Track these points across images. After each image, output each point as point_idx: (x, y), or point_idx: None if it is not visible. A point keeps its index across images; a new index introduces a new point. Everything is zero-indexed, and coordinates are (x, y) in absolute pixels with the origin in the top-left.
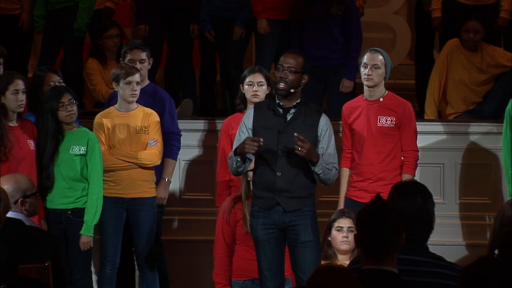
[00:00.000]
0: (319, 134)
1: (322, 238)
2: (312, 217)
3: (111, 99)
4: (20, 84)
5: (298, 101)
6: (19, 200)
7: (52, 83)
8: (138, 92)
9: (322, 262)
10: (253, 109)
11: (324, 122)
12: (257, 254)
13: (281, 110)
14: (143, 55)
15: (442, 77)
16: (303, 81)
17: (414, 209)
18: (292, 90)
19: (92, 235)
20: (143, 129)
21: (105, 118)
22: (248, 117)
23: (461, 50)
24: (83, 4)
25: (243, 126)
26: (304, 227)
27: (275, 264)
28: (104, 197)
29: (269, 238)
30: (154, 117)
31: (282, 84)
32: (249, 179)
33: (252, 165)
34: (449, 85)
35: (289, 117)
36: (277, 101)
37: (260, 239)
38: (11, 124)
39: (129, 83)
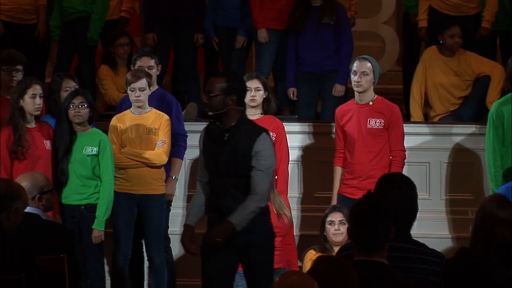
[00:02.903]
0: (252, 155)
1: (318, 233)
2: (263, 236)
3: (123, 103)
4: (37, 89)
5: (235, 123)
6: (36, 196)
7: (68, 88)
8: (142, 98)
9: (317, 255)
10: (204, 129)
11: (259, 145)
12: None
13: (219, 132)
14: (152, 62)
15: (422, 83)
16: (230, 102)
17: (400, 199)
18: (217, 113)
19: (103, 229)
20: (153, 130)
21: (120, 120)
22: (200, 138)
23: (439, 56)
24: (96, 15)
25: (199, 147)
26: (254, 246)
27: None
28: (117, 192)
29: (220, 257)
30: (165, 119)
31: (206, 108)
32: None
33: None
34: (430, 89)
35: (225, 139)
36: (217, 123)
37: (211, 257)
38: (28, 126)
39: (133, 89)
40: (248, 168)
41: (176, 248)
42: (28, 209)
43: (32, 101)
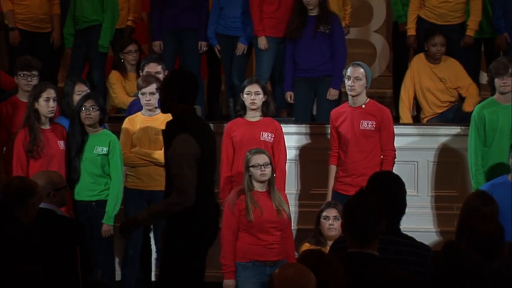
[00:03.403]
0: (169, 158)
1: (314, 227)
2: (169, 251)
3: (132, 106)
4: (52, 93)
5: (169, 121)
6: (51, 193)
7: (80, 92)
8: (152, 101)
9: (312, 247)
10: None
11: (174, 144)
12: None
13: None
14: (159, 68)
15: (410, 88)
16: (169, 98)
17: (390, 195)
18: (161, 107)
19: (113, 224)
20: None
21: (131, 122)
22: None
23: (426, 63)
24: (106, 24)
25: None
26: (160, 258)
27: None
28: (128, 189)
29: None
30: None
31: None
32: (250, 174)
33: None
34: (418, 93)
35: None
36: None
37: None
38: (43, 127)
39: (143, 94)
40: (169, 170)
41: None
42: (43, 205)
43: (46, 104)
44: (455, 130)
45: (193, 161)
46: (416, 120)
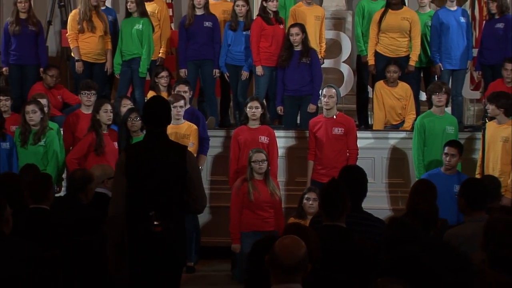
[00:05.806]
0: None
1: (297, 205)
2: None
3: None
4: (108, 106)
5: None
6: (105, 181)
7: (125, 104)
8: (181, 113)
9: (295, 221)
10: None
11: None
12: None
13: None
14: (186, 88)
15: (382, 109)
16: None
17: (355, 182)
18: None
19: None
20: (186, 136)
21: None
22: None
23: (386, 87)
24: (144, 56)
25: None
26: None
27: None
28: None
29: None
30: (194, 128)
31: None
32: (251, 167)
33: None
34: (386, 111)
35: None
36: None
37: None
38: (104, 132)
39: (175, 107)
40: None
41: (201, 216)
42: (98, 189)
43: (105, 114)
44: (401, 134)
45: (118, 174)
46: (371, 127)
